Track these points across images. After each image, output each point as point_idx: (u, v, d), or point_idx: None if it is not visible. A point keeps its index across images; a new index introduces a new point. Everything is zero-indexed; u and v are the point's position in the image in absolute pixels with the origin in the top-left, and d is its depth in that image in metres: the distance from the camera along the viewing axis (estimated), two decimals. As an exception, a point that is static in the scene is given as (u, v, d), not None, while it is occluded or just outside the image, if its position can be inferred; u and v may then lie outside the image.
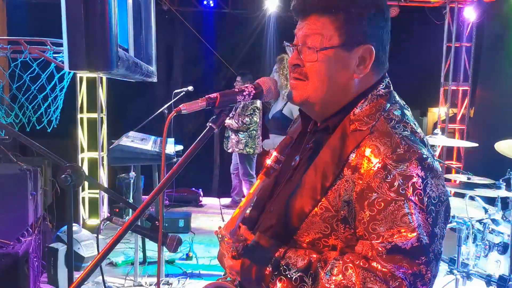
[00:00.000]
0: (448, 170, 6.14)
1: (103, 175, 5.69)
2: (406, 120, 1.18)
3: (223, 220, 5.77)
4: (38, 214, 3.72)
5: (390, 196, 1.07)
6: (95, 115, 5.46)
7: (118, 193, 5.31)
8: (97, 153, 5.51)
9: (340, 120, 1.21)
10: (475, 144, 4.08)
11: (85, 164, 5.52)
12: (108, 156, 3.66)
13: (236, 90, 1.24)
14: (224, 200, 6.75)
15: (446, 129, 6.54)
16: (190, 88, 5.14)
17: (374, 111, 1.18)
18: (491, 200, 3.57)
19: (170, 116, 1.19)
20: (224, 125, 5.97)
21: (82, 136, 5.48)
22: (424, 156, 1.10)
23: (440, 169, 1.15)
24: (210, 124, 1.21)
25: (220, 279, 1.36)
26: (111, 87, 5.78)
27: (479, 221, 3.40)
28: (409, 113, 1.23)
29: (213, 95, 1.20)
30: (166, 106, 4.88)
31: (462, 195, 3.80)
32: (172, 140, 4.36)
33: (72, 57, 1.73)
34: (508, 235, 3.21)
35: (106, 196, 5.72)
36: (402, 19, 6.26)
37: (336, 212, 1.14)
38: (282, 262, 1.16)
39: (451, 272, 3.41)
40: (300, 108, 1.32)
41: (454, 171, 5.37)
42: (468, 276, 3.34)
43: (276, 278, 1.15)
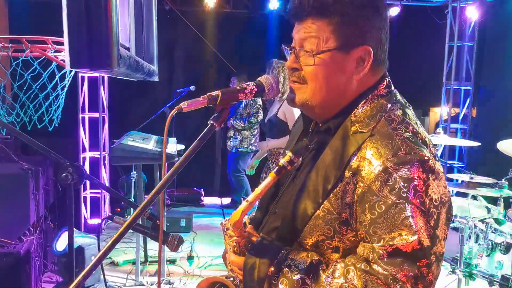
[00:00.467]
0: (451, 170, 6.13)
1: (104, 175, 5.69)
2: (408, 120, 1.17)
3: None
4: (40, 213, 3.72)
5: (391, 199, 1.06)
6: (96, 115, 5.46)
7: (119, 192, 5.32)
8: (98, 152, 5.51)
9: (341, 122, 1.20)
10: (477, 143, 4.07)
11: (86, 163, 5.52)
12: (110, 155, 3.66)
13: (238, 88, 1.24)
14: (225, 200, 6.75)
15: (448, 128, 6.53)
16: (192, 87, 5.14)
17: (375, 112, 1.17)
18: (493, 200, 3.56)
19: (171, 114, 1.17)
20: (227, 125, 6.00)
21: (84, 136, 5.49)
22: (425, 158, 1.09)
23: (442, 169, 1.14)
24: (211, 122, 1.20)
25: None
26: (112, 86, 5.78)
27: (482, 220, 3.39)
28: (410, 112, 1.22)
29: (214, 93, 1.20)
30: (167, 106, 4.88)
31: (465, 195, 3.79)
32: (173, 140, 4.36)
33: (73, 55, 1.73)
34: (511, 235, 3.19)
35: (108, 196, 5.72)
36: (404, 18, 6.25)
37: (339, 215, 1.14)
38: (284, 264, 1.16)
39: (453, 271, 3.40)
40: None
41: (456, 170, 5.36)
42: (470, 276, 3.33)
43: (278, 280, 1.15)
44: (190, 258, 4.57)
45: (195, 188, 6.79)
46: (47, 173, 4.00)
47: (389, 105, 1.19)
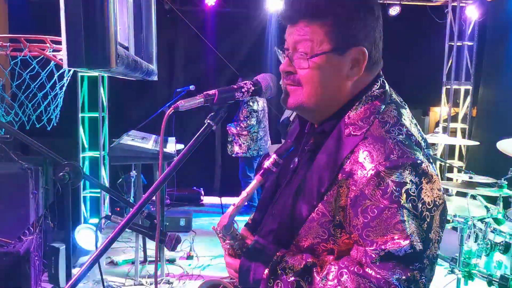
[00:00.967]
0: (450, 169, 6.13)
1: (104, 174, 5.69)
2: (402, 121, 1.16)
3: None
4: (40, 213, 3.72)
5: (384, 203, 1.06)
6: (96, 114, 5.46)
7: (119, 192, 5.32)
8: (98, 152, 5.51)
9: (335, 124, 1.19)
10: (476, 143, 4.07)
11: (86, 163, 5.52)
12: (109, 155, 3.66)
13: (235, 86, 1.24)
14: (225, 200, 6.74)
15: (448, 128, 6.52)
16: (192, 87, 5.14)
17: (369, 114, 1.16)
18: (493, 199, 3.55)
19: (167, 113, 1.17)
20: (226, 129, 5.98)
21: (84, 135, 5.49)
22: (418, 161, 1.08)
23: (436, 172, 1.13)
24: (208, 121, 1.20)
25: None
26: (112, 86, 5.78)
27: (481, 220, 3.39)
28: (406, 111, 1.21)
29: (211, 92, 1.20)
30: (167, 105, 4.88)
31: (464, 194, 3.79)
32: (173, 139, 4.36)
33: (71, 54, 1.72)
34: (510, 235, 3.19)
35: (108, 195, 5.72)
36: (404, 18, 6.25)
37: (332, 217, 1.14)
38: (279, 266, 1.17)
39: (452, 271, 3.39)
40: None
41: (456, 170, 5.36)
42: (469, 276, 3.32)
43: (273, 282, 1.16)
44: (189, 258, 4.57)
45: (195, 188, 6.78)
46: (47, 172, 3.99)
47: (383, 106, 1.18)
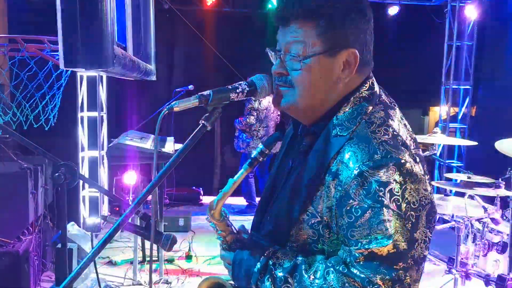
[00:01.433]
0: (449, 169, 6.13)
1: (103, 174, 5.69)
2: (388, 122, 1.16)
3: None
4: (39, 212, 3.73)
5: (367, 203, 1.07)
6: (95, 114, 5.46)
7: (118, 192, 5.33)
8: (97, 151, 5.52)
9: (325, 125, 1.20)
10: (474, 143, 4.07)
11: (85, 163, 5.52)
12: (107, 154, 3.66)
13: (230, 87, 1.24)
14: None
15: (447, 128, 6.53)
16: (191, 87, 5.14)
17: (356, 115, 1.17)
18: (490, 199, 3.56)
19: (162, 114, 1.18)
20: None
21: (83, 135, 5.49)
22: (402, 161, 1.09)
23: (422, 172, 1.13)
24: (203, 122, 1.20)
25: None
26: (111, 85, 5.78)
27: (479, 220, 3.39)
28: (394, 112, 1.22)
29: (205, 92, 1.20)
30: (166, 105, 4.87)
31: (462, 194, 3.79)
32: (171, 139, 4.35)
33: (67, 54, 1.73)
34: (507, 235, 3.19)
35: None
36: (403, 18, 6.26)
37: (321, 218, 1.15)
38: (270, 262, 1.18)
39: (450, 271, 3.39)
40: None
41: (455, 170, 5.36)
42: (467, 276, 3.32)
43: (264, 277, 1.18)
44: (188, 258, 4.58)
45: (194, 187, 6.78)
46: (46, 172, 4.00)
47: (370, 107, 1.19)
